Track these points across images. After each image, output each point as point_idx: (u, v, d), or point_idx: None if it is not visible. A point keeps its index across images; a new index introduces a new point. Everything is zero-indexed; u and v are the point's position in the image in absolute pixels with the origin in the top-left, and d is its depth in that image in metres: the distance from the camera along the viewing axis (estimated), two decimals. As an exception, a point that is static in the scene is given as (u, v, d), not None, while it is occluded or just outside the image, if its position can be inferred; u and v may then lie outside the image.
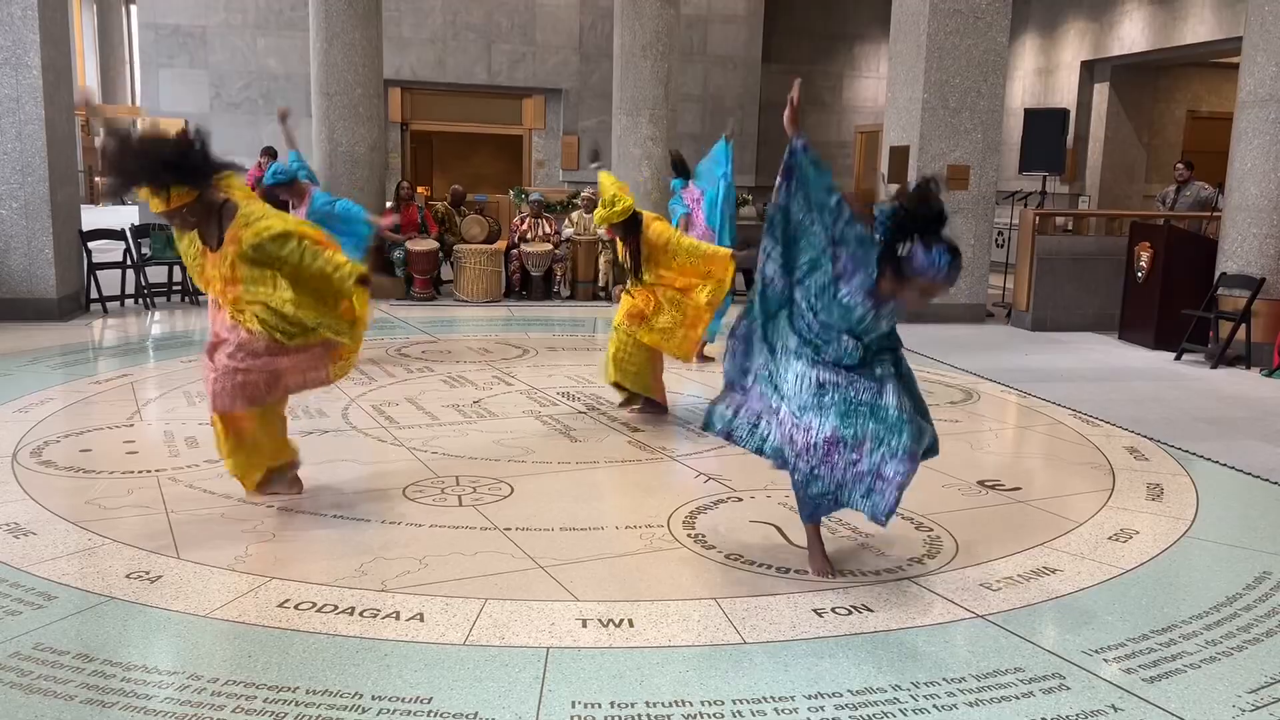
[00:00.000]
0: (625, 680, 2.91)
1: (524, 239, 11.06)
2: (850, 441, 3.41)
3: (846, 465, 3.42)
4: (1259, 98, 7.98)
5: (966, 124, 9.76)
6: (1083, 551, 4.01)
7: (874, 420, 3.41)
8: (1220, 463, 5.35)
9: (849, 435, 3.41)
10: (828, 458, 3.43)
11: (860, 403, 3.44)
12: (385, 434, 5.49)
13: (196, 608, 3.30)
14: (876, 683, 2.94)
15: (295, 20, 14.01)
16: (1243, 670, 3.07)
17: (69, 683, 2.81)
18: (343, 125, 10.73)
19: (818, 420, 3.44)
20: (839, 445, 3.42)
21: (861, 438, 3.40)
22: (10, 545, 3.77)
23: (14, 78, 8.37)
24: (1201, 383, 7.53)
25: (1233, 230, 8.26)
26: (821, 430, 3.43)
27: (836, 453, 3.42)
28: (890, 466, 3.37)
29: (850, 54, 17.26)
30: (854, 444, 3.41)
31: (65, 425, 5.50)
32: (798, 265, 3.52)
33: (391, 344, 8.16)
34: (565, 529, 4.12)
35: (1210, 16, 12.37)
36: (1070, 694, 2.90)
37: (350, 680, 2.86)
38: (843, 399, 3.44)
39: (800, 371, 3.51)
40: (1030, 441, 6.01)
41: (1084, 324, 9.73)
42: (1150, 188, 14.28)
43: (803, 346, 3.53)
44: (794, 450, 3.50)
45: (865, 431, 3.40)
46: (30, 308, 8.58)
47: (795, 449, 3.49)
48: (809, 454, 3.45)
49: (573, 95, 15.48)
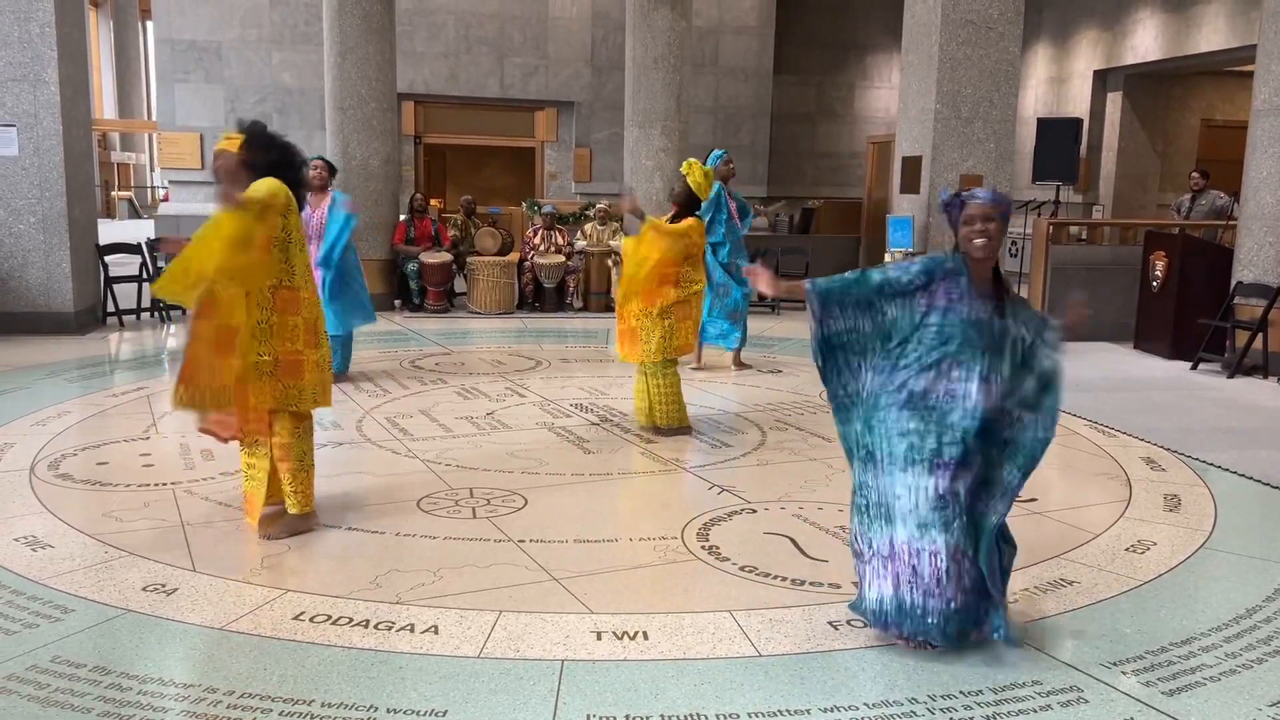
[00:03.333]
0: (640, 693, 2.90)
1: (537, 251, 11.09)
2: (971, 555, 3.04)
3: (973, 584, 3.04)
4: (1273, 106, 7.94)
5: (979, 134, 9.74)
6: (1100, 563, 3.99)
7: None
8: (1238, 473, 5.30)
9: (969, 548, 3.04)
10: (959, 579, 3.02)
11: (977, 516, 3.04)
12: (399, 446, 5.50)
13: (212, 620, 3.31)
14: (893, 696, 2.92)
15: (310, 35, 14.11)
16: (1263, 683, 3.04)
17: (86, 695, 2.82)
18: (356, 139, 10.79)
19: (943, 538, 3.01)
20: (964, 560, 3.04)
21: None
22: (28, 558, 3.79)
23: (32, 93, 8.46)
24: (1218, 392, 7.48)
25: (1248, 239, 8.21)
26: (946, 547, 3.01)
27: (964, 570, 3.03)
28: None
29: (862, 64, 17.27)
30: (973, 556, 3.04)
31: (82, 438, 5.53)
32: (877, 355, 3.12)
33: (405, 356, 8.18)
34: (579, 541, 4.12)
35: (1223, 25, 12.32)
36: (1088, 707, 2.88)
37: (365, 693, 2.86)
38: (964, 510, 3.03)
39: (912, 484, 3.03)
40: (1046, 452, 5.97)
41: (1099, 333, 9.68)
42: (1164, 197, 14.22)
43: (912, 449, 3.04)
44: (920, 589, 3.04)
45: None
46: (47, 321, 8.64)
47: (923, 584, 3.03)
48: (939, 587, 3.02)
49: (585, 108, 15.53)
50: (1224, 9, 12.30)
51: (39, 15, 8.40)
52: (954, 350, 3.03)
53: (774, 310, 11.48)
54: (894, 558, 3.08)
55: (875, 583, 3.13)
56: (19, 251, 8.64)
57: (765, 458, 5.42)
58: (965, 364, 3.04)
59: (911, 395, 3.05)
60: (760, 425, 6.13)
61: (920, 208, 9.80)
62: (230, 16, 14.28)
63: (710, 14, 15.61)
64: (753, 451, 5.55)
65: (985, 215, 3.06)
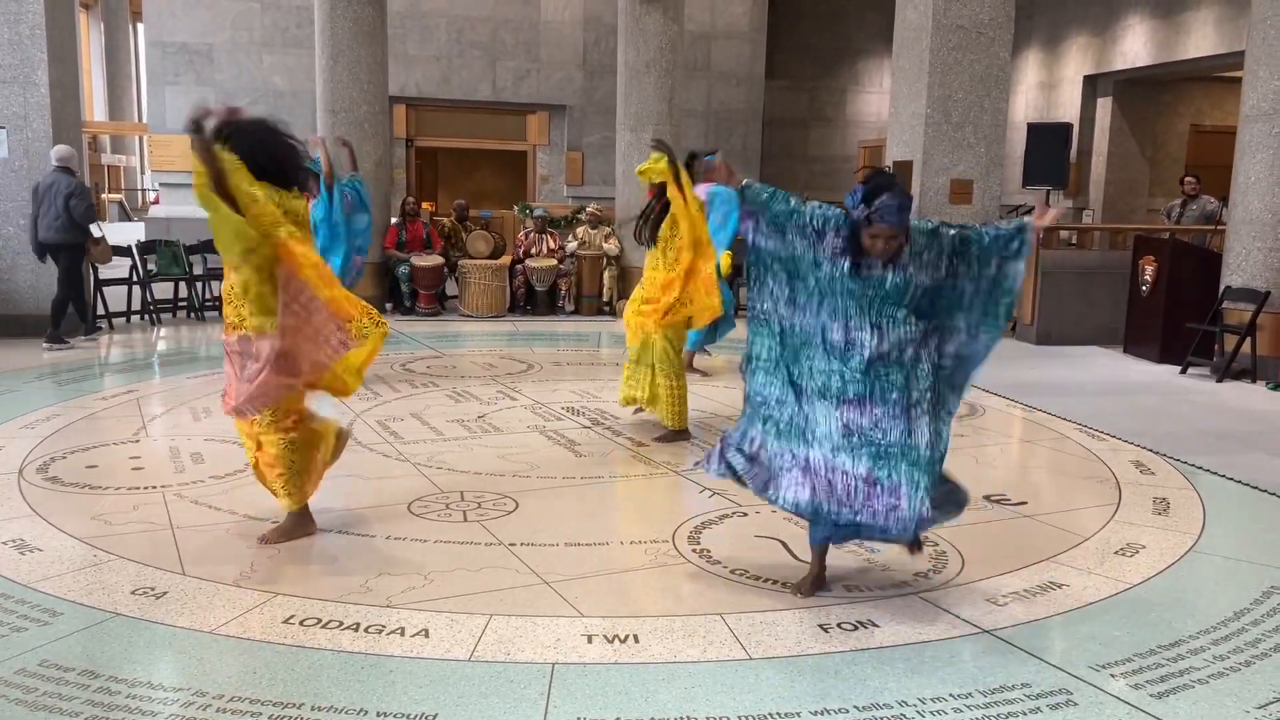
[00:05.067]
0: (631, 696, 2.90)
1: (528, 254, 11.09)
2: (886, 484, 3.33)
3: (887, 510, 3.34)
4: (1262, 112, 7.99)
5: (969, 138, 9.77)
6: (1089, 566, 4.00)
7: (906, 462, 3.33)
8: (1226, 476, 5.33)
9: (883, 478, 3.33)
10: (869, 501, 3.35)
11: (890, 445, 3.34)
12: (390, 449, 5.50)
13: (201, 624, 3.30)
14: (883, 698, 2.93)
15: (301, 38, 14.09)
16: (1251, 685, 3.05)
17: (74, 699, 2.80)
18: (348, 142, 10.78)
19: (851, 462, 3.36)
20: (876, 487, 3.34)
21: (898, 480, 3.33)
22: (16, 562, 3.77)
23: (22, 95, 8.43)
24: (1207, 396, 7.51)
25: (1237, 244, 8.26)
26: (857, 470, 3.35)
27: (875, 495, 3.34)
28: (926, 505, 3.32)
29: (853, 69, 17.32)
30: (890, 488, 3.33)
31: (71, 441, 5.51)
32: (797, 294, 3.46)
33: (397, 359, 8.17)
34: (570, 544, 4.12)
35: (1212, 31, 12.39)
36: (1078, 710, 2.89)
37: (355, 696, 2.85)
38: (869, 443, 3.35)
39: (827, 413, 3.41)
40: (1036, 456, 6.00)
41: (1089, 337, 9.72)
42: (1154, 201, 14.28)
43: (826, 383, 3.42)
44: (832, 497, 3.39)
45: (900, 475, 3.33)
46: (37, 324, 8.60)
47: (834, 495, 3.39)
48: (850, 497, 3.36)
49: (577, 111, 15.54)
50: (1213, 16, 12.37)
51: (29, 17, 8.38)
52: (840, 303, 3.37)
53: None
54: (812, 471, 3.44)
55: (794, 489, 3.48)
56: (8, 254, 8.61)
57: (756, 461, 5.43)
58: (857, 314, 3.36)
59: (826, 339, 3.42)
60: (751, 429, 6.13)
61: (911, 212, 9.81)
62: (221, 19, 14.26)
63: (702, 19, 15.64)
64: (744, 455, 5.55)
65: (889, 235, 3.29)
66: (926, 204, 9.74)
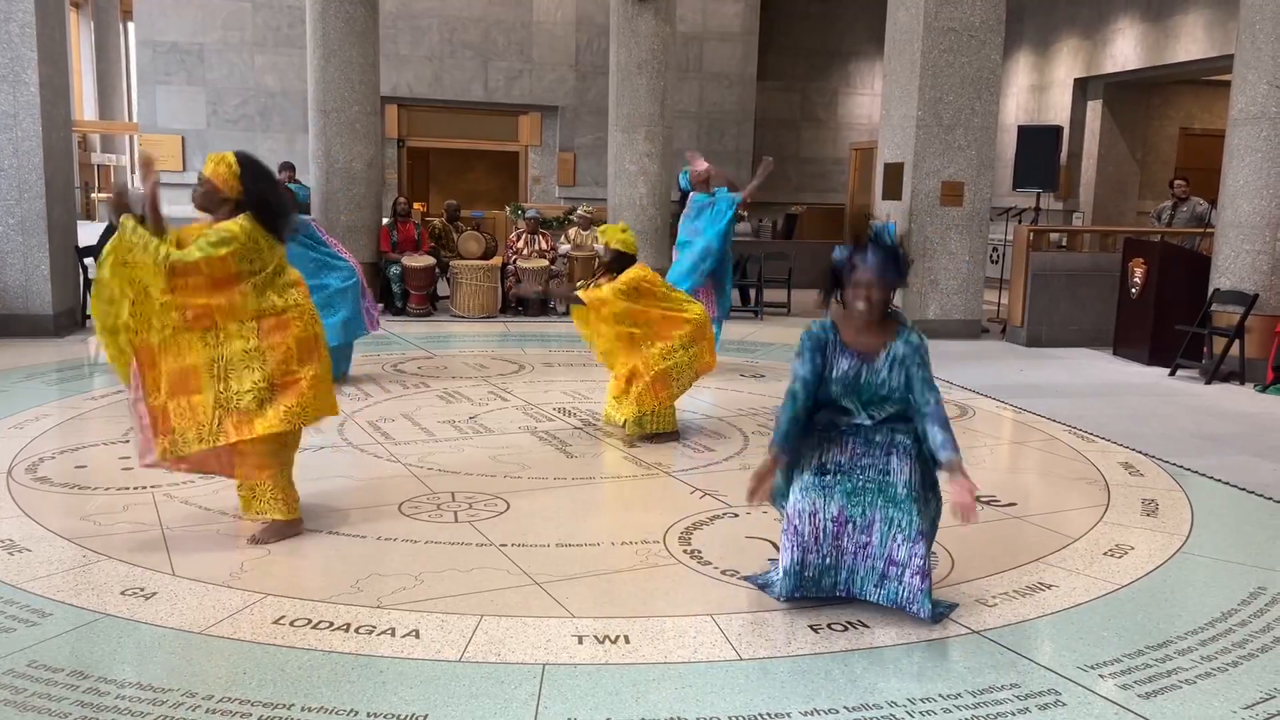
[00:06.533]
0: (621, 697, 2.91)
1: (520, 255, 11.08)
2: (859, 522, 3.40)
3: (856, 549, 3.40)
4: (1250, 115, 8.03)
5: (960, 141, 9.81)
6: (1078, 567, 4.02)
7: (883, 499, 3.39)
8: (1215, 478, 5.36)
9: (857, 515, 3.40)
10: (837, 540, 3.41)
11: (867, 481, 3.43)
12: (381, 450, 5.49)
13: (191, 624, 3.29)
14: (872, 699, 2.94)
15: (293, 38, 14.07)
16: (1239, 686, 3.07)
17: (63, 700, 2.80)
18: (340, 142, 10.77)
19: (822, 500, 3.41)
20: (847, 526, 3.40)
21: (870, 519, 3.39)
22: (4, 562, 3.76)
23: (11, 94, 8.40)
24: (1196, 398, 7.55)
25: (1226, 246, 8.30)
26: (828, 510, 3.41)
27: (845, 534, 3.40)
28: (903, 550, 3.35)
29: (845, 71, 17.36)
30: (863, 525, 3.40)
31: (60, 441, 5.49)
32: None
33: (388, 360, 8.16)
34: (561, 545, 4.12)
35: (1202, 35, 12.45)
36: (1066, 710, 2.90)
37: (346, 697, 2.85)
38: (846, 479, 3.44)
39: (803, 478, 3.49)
40: (1025, 457, 6.02)
41: (1078, 339, 9.76)
42: (1143, 204, 14.34)
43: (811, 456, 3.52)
44: (799, 543, 3.40)
45: (874, 512, 3.39)
46: (26, 324, 8.57)
47: (802, 540, 3.40)
48: (819, 540, 3.40)
49: (569, 112, 15.55)
50: (1202, 20, 12.43)
51: (19, 16, 8.34)
52: (835, 394, 3.49)
53: (757, 315, 11.52)
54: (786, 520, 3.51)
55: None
56: (-3, 253, 8.57)
57: (748, 462, 5.43)
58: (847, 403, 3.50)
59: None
60: (743, 430, 6.15)
61: (902, 214, 9.85)
62: (212, 18, 14.23)
63: (694, 20, 15.66)
64: (735, 456, 5.57)
65: (869, 282, 3.35)
66: (918, 206, 9.77)
